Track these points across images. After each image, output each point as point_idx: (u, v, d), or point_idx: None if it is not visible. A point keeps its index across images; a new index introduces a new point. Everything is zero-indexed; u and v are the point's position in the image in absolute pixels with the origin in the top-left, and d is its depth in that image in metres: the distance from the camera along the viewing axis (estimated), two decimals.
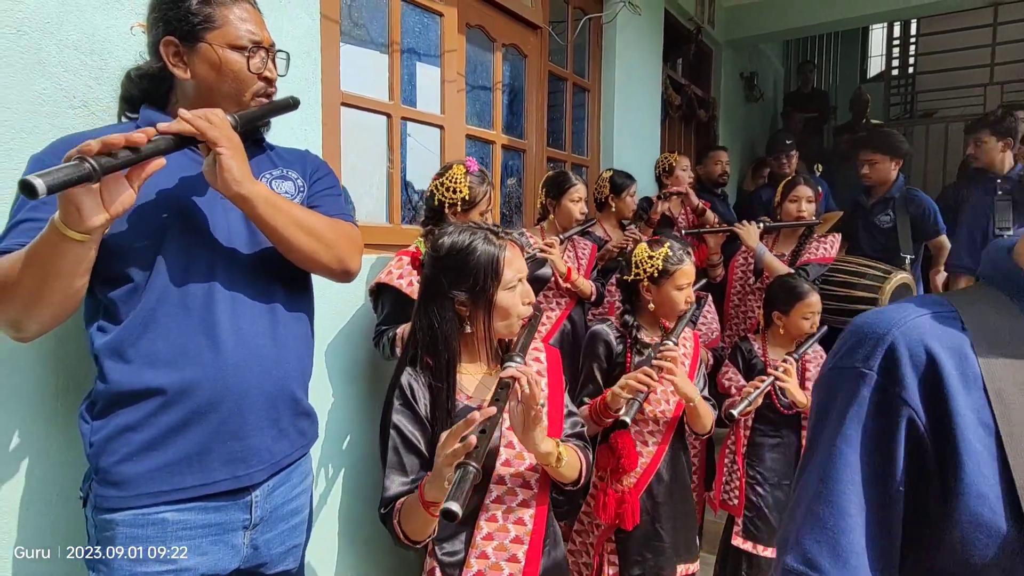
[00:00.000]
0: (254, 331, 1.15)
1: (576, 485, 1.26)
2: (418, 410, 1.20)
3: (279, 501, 1.23)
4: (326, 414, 1.97)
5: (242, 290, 1.15)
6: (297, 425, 1.24)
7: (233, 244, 1.15)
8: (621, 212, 2.93)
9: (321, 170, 1.35)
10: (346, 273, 1.25)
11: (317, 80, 1.88)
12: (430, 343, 1.22)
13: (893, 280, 2.68)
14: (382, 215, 2.37)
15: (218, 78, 1.16)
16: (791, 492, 0.71)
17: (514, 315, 1.23)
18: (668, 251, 1.78)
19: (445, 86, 2.47)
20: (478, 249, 1.19)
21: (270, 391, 1.15)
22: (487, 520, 1.22)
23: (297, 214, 1.13)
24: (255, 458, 1.15)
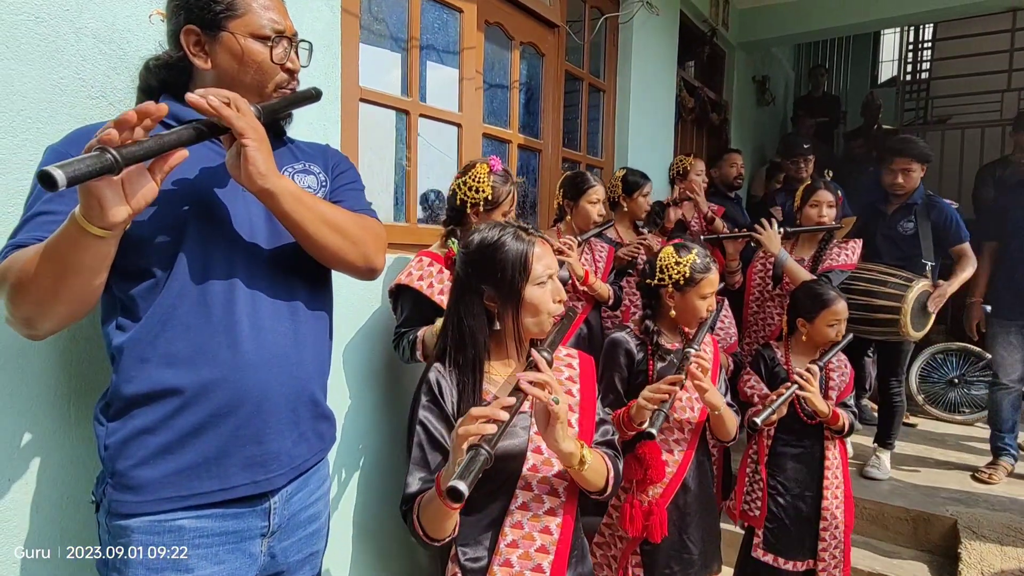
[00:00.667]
0: (275, 330, 1.10)
1: (602, 494, 1.22)
2: (444, 407, 1.18)
3: (297, 507, 1.18)
4: (342, 417, 1.92)
5: (263, 287, 1.10)
6: (316, 428, 1.20)
7: (255, 239, 1.11)
8: (634, 213, 2.88)
9: (342, 164, 1.31)
10: (372, 271, 1.21)
11: (336, 74, 1.84)
12: (458, 339, 1.21)
13: (915, 288, 2.63)
14: (400, 214, 2.33)
15: (240, 68, 1.11)
16: None
17: (544, 312, 1.20)
18: (696, 258, 1.74)
19: (463, 84, 2.42)
20: (506, 245, 1.18)
21: (290, 393, 1.11)
22: (512, 527, 1.19)
23: (323, 210, 1.09)
24: (275, 463, 1.10)
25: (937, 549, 2.68)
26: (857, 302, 2.70)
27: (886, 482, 3.05)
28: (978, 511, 2.70)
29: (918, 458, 3.40)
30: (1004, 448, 3.15)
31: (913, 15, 4.73)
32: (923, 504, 2.80)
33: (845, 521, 2.10)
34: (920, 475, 3.15)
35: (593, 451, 1.19)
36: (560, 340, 1.24)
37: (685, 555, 1.72)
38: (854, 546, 2.69)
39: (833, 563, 2.06)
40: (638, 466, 1.65)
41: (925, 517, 2.73)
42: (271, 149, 1.02)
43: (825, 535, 2.05)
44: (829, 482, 2.08)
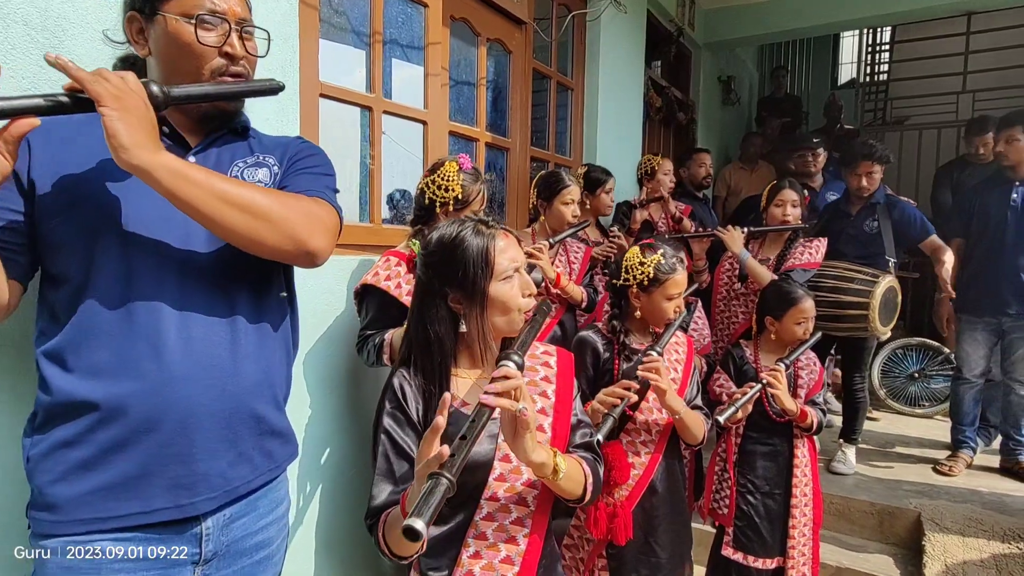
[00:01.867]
0: (207, 341, 1.01)
1: (581, 502, 1.16)
2: (410, 414, 1.12)
3: (240, 533, 1.09)
4: (303, 427, 1.85)
5: (197, 292, 1.01)
6: (263, 447, 1.10)
7: (189, 238, 1.02)
8: (597, 209, 2.86)
9: (304, 152, 1.21)
10: (308, 255, 1.05)
11: (295, 68, 1.77)
12: (423, 345, 1.14)
13: (882, 284, 2.67)
14: (363, 214, 2.25)
15: (171, 53, 1.04)
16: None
17: (514, 308, 1.14)
18: (660, 259, 1.71)
19: (428, 80, 2.37)
20: (466, 241, 1.11)
21: (225, 409, 1.02)
22: (475, 538, 1.13)
23: (222, 187, 0.95)
24: (203, 484, 1.01)
25: (902, 542, 2.73)
26: (826, 299, 2.73)
27: (851, 477, 3.10)
28: (940, 503, 2.76)
29: (882, 452, 3.47)
30: (964, 441, 3.23)
31: (871, 18, 4.83)
32: (887, 498, 2.84)
33: (814, 518, 2.11)
34: (884, 469, 3.21)
35: (569, 457, 1.12)
36: (532, 339, 1.15)
37: (652, 558, 1.70)
38: (821, 540, 2.72)
39: (802, 560, 2.07)
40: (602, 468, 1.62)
41: (890, 511, 2.77)
42: (148, 122, 0.91)
43: (794, 532, 2.06)
44: (798, 480, 2.08)
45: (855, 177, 3.09)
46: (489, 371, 1.16)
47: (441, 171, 1.81)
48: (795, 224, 2.68)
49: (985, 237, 3.12)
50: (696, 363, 2.26)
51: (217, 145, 1.13)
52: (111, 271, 0.96)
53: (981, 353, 3.17)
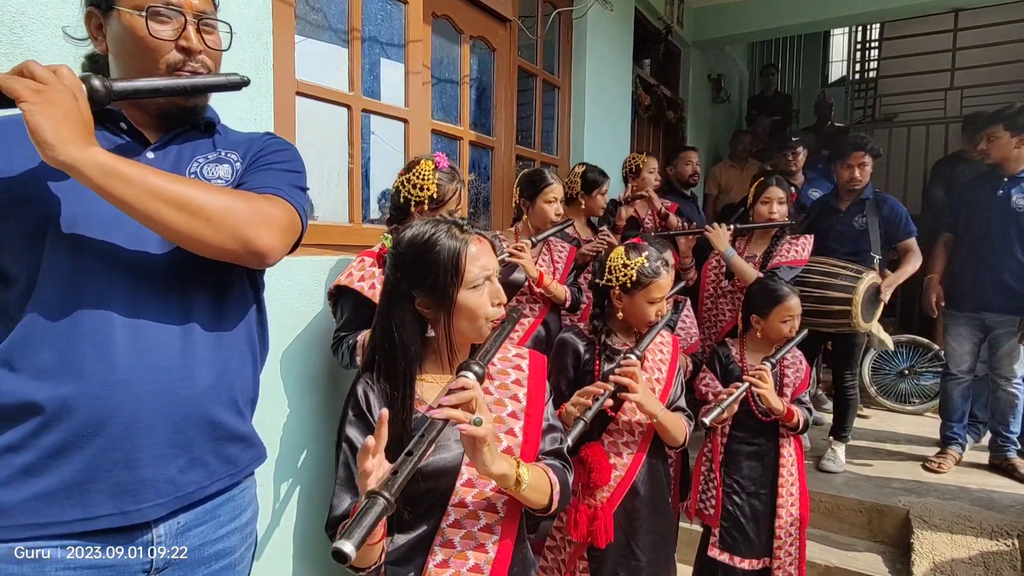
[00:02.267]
0: (158, 342, 0.97)
1: (547, 511, 1.13)
2: (372, 421, 1.08)
3: (197, 541, 1.05)
4: (280, 427, 1.82)
5: (149, 293, 0.98)
6: (221, 452, 1.07)
7: (142, 238, 0.98)
8: (591, 210, 2.84)
9: (270, 147, 1.17)
10: (256, 255, 1.00)
11: (268, 65, 1.74)
12: (388, 349, 1.10)
13: (865, 280, 2.66)
14: (342, 213, 2.22)
15: (125, 48, 1.01)
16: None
17: (482, 317, 1.10)
18: (644, 261, 1.67)
19: (409, 78, 2.34)
20: (438, 244, 1.07)
21: (175, 413, 0.99)
22: (442, 546, 1.10)
23: (157, 184, 0.90)
24: (150, 491, 0.97)
25: (891, 540, 2.72)
26: (812, 295, 2.72)
27: (841, 475, 3.08)
28: (929, 500, 2.75)
29: (872, 449, 3.45)
30: (953, 437, 3.22)
31: (860, 15, 4.83)
32: (876, 496, 2.83)
33: (800, 517, 2.09)
34: (873, 467, 3.20)
35: (534, 467, 1.10)
36: (496, 348, 1.12)
37: (633, 561, 1.67)
38: (810, 539, 2.71)
39: (788, 560, 2.05)
40: (581, 469, 1.60)
41: (879, 509, 2.76)
42: (76, 116, 0.87)
43: (780, 533, 2.04)
44: (784, 480, 2.07)
45: (847, 169, 3.08)
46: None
47: (416, 169, 1.78)
48: (781, 221, 2.66)
49: (970, 233, 3.12)
50: (681, 363, 2.25)
51: (179, 142, 1.10)
52: (58, 272, 0.93)
53: (967, 348, 3.16)
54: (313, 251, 1.98)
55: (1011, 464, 3.06)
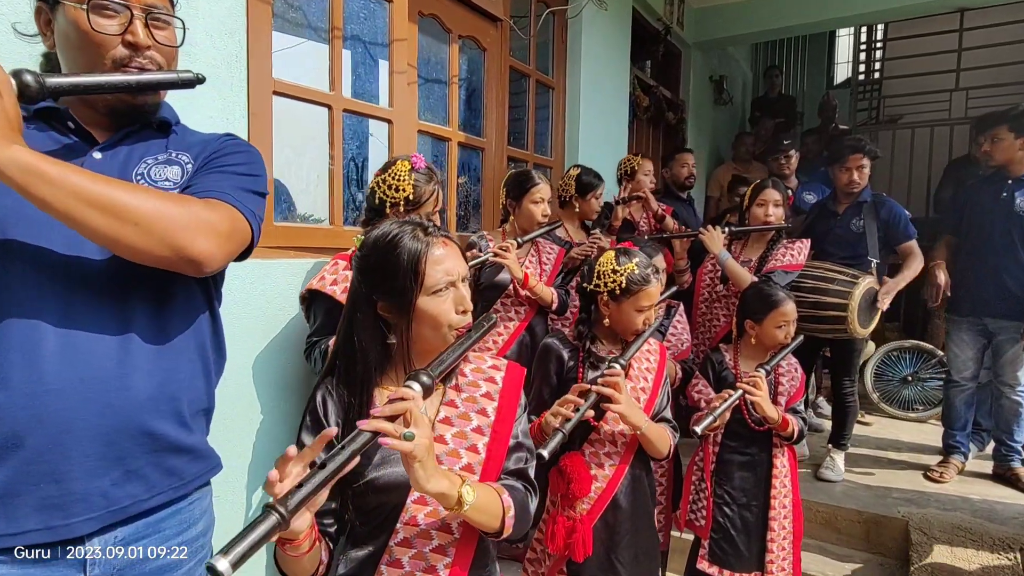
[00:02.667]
0: (91, 351, 0.93)
1: (498, 535, 1.05)
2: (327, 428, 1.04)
3: (139, 556, 1.00)
4: (253, 433, 1.78)
5: (83, 300, 0.94)
6: (162, 464, 1.02)
7: (78, 242, 0.94)
8: (584, 214, 2.78)
9: (225, 149, 1.12)
10: (191, 263, 0.95)
11: (242, 63, 1.70)
12: (348, 354, 1.06)
13: (861, 285, 2.59)
14: (322, 215, 2.18)
15: (69, 43, 0.98)
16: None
17: (444, 324, 1.05)
18: (635, 268, 1.61)
19: (394, 77, 2.29)
20: (399, 246, 1.02)
21: (107, 424, 0.94)
22: (389, 565, 1.03)
23: (82, 185, 0.86)
24: (80, 505, 0.93)
25: (889, 552, 2.64)
26: (807, 300, 2.65)
27: (839, 484, 3.01)
28: (929, 511, 2.67)
29: (873, 458, 3.38)
30: (956, 446, 3.14)
31: (864, 15, 4.76)
32: (875, 506, 2.76)
33: (794, 530, 2.03)
34: (874, 476, 3.12)
35: (485, 487, 1.02)
36: (456, 358, 1.03)
37: (612, 575, 1.62)
38: (807, 550, 2.64)
39: (781, 575, 1.99)
40: (560, 480, 1.54)
41: (877, 519, 2.69)
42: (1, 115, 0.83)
43: (772, 546, 1.98)
44: (777, 491, 2.00)
45: (845, 172, 3.02)
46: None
47: (392, 170, 1.74)
48: (777, 224, 2.60)
49: (972, 236, 3.04)
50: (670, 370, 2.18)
51: (130, 141, 1.06)
52: None
53: (969, 355, 3.07)
54: (291, 254, 1.94)
55: (1015, 474, 2.98)
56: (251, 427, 1.77)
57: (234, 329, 1.71)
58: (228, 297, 1.67)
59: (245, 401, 1.76)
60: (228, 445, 1.71)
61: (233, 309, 1.71)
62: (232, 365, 1.70)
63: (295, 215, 2.16)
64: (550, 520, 1.62)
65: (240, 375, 1.74)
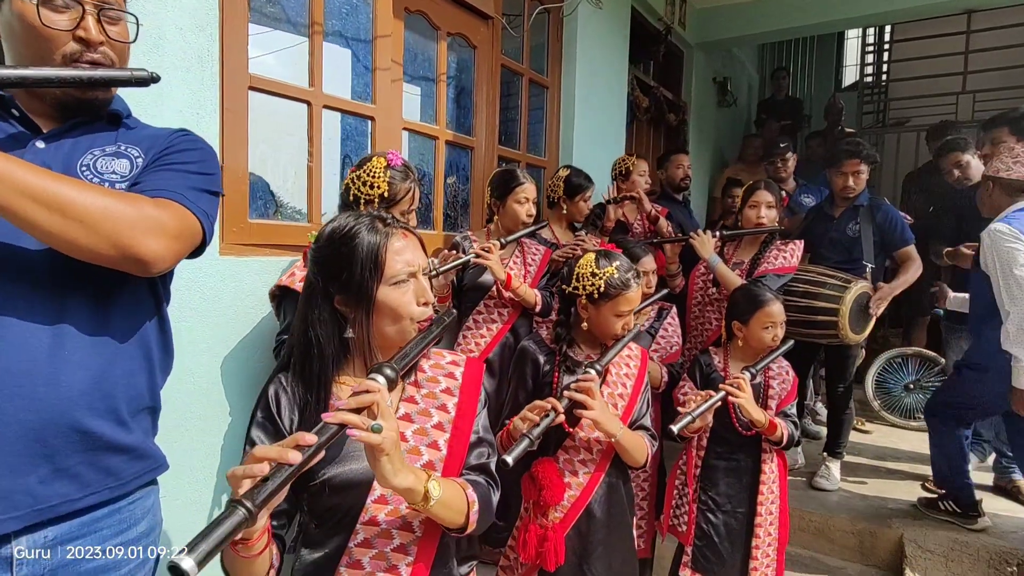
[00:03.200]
0: (21, 344, 0.90)
1: (462, 531, 1.03)
2: (281, 425, 1.02)
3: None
4: (221, 436, 1.76)
5: (15, 292, 0.91)
6: (96, 463, 0.99)
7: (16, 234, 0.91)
8: (572, 216, 2.74)
9: (178, 146, 1.10)
10: (137, 262, 0.93)
11: (214, 58, 1.68)
12: (304, 349, 1.03)
13: (853, 289, 2.53)
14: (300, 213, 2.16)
15: (16, 36, 0.96)
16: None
17: (406, 317, 1.04)
18: (614, 272, 1.57)
19: (377, 74, 2.26)
20: (357, 237, 1.01)
21: (34, 420, 0.91)
22: (348, 566, 1.01)
23: (27, 180, 0.84)
24: (3, 502, 0.89)
25: (883, 564, 2.58)
26: (798, 304, 2.60)
27: (834, 493, 2.95)
28: (925, 524, 2.60)
29: (870, 467, 3.30)
30: None
31: (871, 16, 4.68)
32: (870, 517, 2.69)
33: (779, 538, 1.97)
34: (869, 485, 3.05)
35: (450, 482, 1.01)
36: (419, 351, 1.02)
37: None
38: (798, 560, 2.59)
39: None
40: (532, 487, 1.50)
41: (871, 531, 2.62)
42: None
43: (757, 553, 1.92)
44: (764, 497, 1.95)
45: (840, 176, 2.96)
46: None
47: (368, 167, 1.70)
48: (769, 226, 2.54)
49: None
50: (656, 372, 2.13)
51: (76, 133, 1.04)
52: None
53: None
54: (268, 252, 1.91)
55: (1016, 487, 2.89)
56: (220, 426, 1.74)
57: (204, 327, 1.69)
58: (198, 295, 1.66)
59: (214, 399, 1.73)
60: (196, 444, 1.69)
61: (202, 307, 1.69)
62: (201, 363, 1.69)
63: (271, 212, 2.13)
64: (522, 528, 1.58)
65: (209, 374, 1.72)
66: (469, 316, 2.36)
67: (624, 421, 1.58)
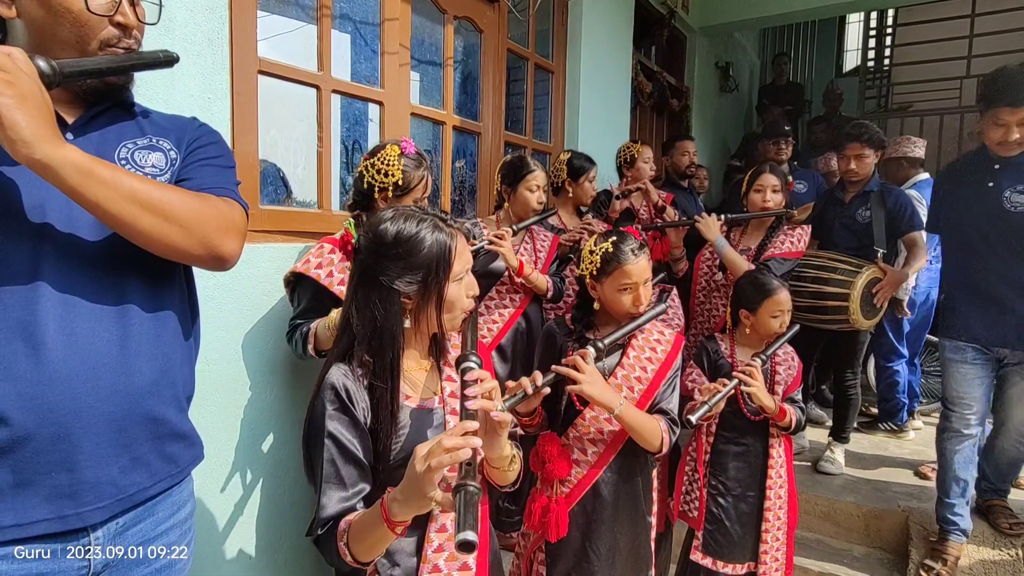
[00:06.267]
0: (94, 336, 0.92)
1: (514, 486, 1.21)
2: (356, 414, 1.08)
3: (135, 540, 1.01)
4: (241, 410, 1.77)
5: (80, 285, 0.92)
6: (163, 451, 1.02)
7: (73, 227, 0.93)
8: (579, 199, 2.73)
9: (204, 139, 1.13)
10: (219, 260, 1.01)
11: (224, 40, 1.65)
12: (372, 339, 1.09)
13: (864, 275, 2.52)
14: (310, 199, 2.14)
15: (50, 19, 0.94)
16: None
17: (458, 309, 1.15)
18: (609, 247, 1.58)
19: (385, 58, 2.24)
20: (428, 239, 1.09)
21: (116, 411, 0.94)
22: (437, 531, 1.14)
23: (132, 186, 0.89)
24: (91, 494, 0.93)
25: (889, 546, 2.60)
26: (808, 290, 2.59)
27: (839, 477, 2.97)
28: (930, 506, 2.61)
29: (874, 452, 3.33)
30: (953, 522, 2.33)
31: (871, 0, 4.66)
32: (875, 500, 2.72)
33: (788, 522, 1.99)
34: (874, 470, 3.07)
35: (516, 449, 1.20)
36: (477, 337, 1.19)
37: (585, 564, 1.58)
38: (805, 544, 2.61)
39: (775, 566, 1.95)
40: (536, 459, 1.55)
41: (876, 513, 2.64)
42: (47, 109, 0.83)
43: (767, 537, 1.94)
44: (772, 482, 1.96)
45: (843, 160, 2.94)
46: (430, 367, 1.20)
47: (381, 155, 1.69)
48: (775, 210, 2.53)
49: (961, 236, 2.37)
50: None
51: (100, 122, 1.03)
52: None
53: (978, 393, 2.31)
54: (278, 238, 1.90)
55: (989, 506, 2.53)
56: (238, 408, 1.76)
57: (219, 314, 1.69)
58: (212, 282, 1.66)
59: (230, 386, 1.73)
60: (214, 429, 1.70)
61: (217, 295, 1.68)
62: (218, 350, 1.68)
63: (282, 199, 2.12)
64: (531, 497, 1.62)
65: (226, 360, 1.72)
66: (481, 302, 2.35)
67: (641, 406, 1.57)
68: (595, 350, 1.46)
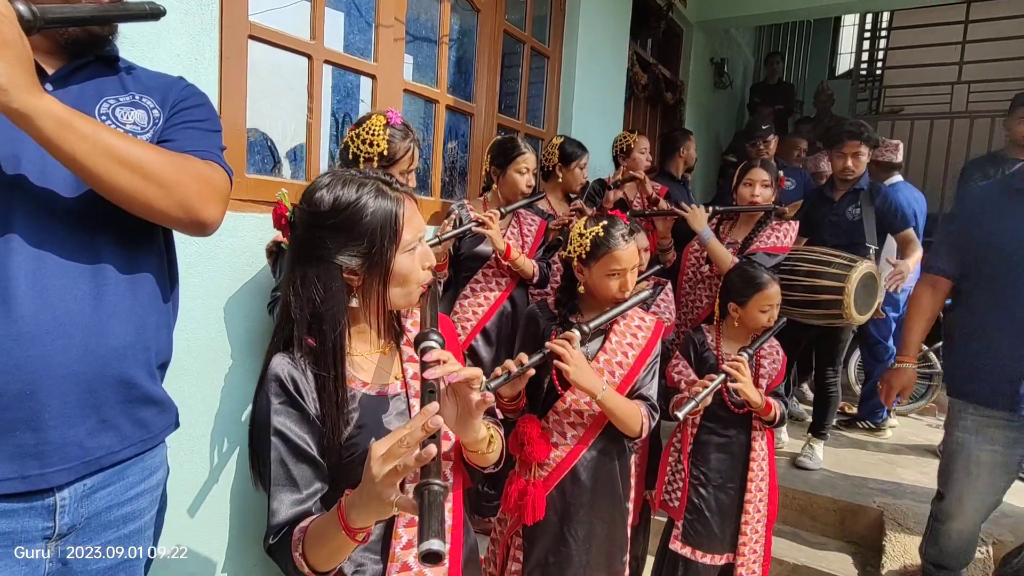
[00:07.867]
0: (66, 293, 0.89)
1: (497, 467, 1.10)
2: (305, 407, 0.96)
3: (103, 504, 0.98)
4: (222, 378, 1.74)
5: (53, 242, 0.89)
6: (133, 415, 0.99)
7: (47, 181, 0.90)
8: (568, 185, 2.70)
9: (190, 100, 1.08)
10: (198, 224, 0.97)
11: (214, 2, 1.60)
12: (312, 322, 0.97)
13: (859, 269, 2.52)
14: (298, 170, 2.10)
15: None
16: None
17: (413, 282, 1.01)
18: (601, 231, 1.55)
19: (380, 31, 2.19)
20: (370, 205, 0.95)
21: (86, 371, 0.91)
22: (406, 526, 1.03)
23: (112, 142, 0.85)
24: (56, 455, 0.90)
25: (863, 541, 2.63)
26: (802, 284, 2.59)
27: (817, 472, 2.99)
28: (905, 503, 2.66)
29: (852, 448, 3.36)
30: None
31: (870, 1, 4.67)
32: (851, 495, 2.74)
33: (768, 514, 2.00)
34: (852, 465, 3.10)
35: (496, 428, 1.12)
36: (436, 314, 1.05)
37: (563, 548, 1.57)
38: (781, 536, 2.63)
39: (753, 557, 1.96)
40: (515, 441, 1.52)
41: (852, 508, 2.67)
42: (27, 57, 0.79)
43: (746, 529, 1.95)
44: (754, 474, 1.97)
45: (840, 158, 2.95)
46: (387, 346, 1.07)
47: (367, 124, 1.66)
48: (764, 204, 2.53)
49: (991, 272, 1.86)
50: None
51: (81, 75, 0.99)
52: None
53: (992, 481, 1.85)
54: (263, 208, 1.85)
55: None
56: (220, 372, 1.73)
57: (201, 283, 1.65)
58: (194, 250, 1.61)
59: (210, 355, 1.70)
60: (192, 397, 1.66)
61: (199, 263, 1.64)
62: (198, 319, 1.65)
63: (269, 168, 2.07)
64: (508, 480, 1.60)
65: (207, 329, 1.69)
66: (467, 284, 2.33)
67: (621, 390, 1.56)
68: (580, 334, 1.44)
